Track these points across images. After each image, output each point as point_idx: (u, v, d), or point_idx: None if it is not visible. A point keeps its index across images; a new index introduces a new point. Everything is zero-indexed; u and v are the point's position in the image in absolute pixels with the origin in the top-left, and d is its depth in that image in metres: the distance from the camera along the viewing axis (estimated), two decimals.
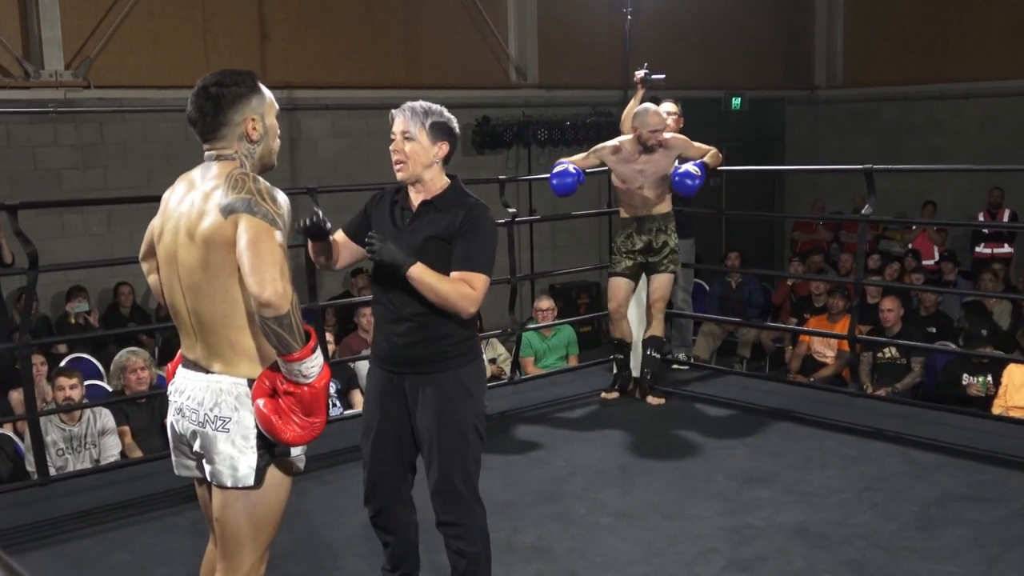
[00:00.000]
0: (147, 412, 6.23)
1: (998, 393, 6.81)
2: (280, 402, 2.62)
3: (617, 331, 6.21)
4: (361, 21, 10.99)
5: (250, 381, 2.68)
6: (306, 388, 2.60)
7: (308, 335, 2.58)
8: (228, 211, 2.58)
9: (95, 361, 7.70)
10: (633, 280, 6.12)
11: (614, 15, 11.25)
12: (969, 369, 7.22)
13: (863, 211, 5.87)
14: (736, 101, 14.01)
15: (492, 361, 7.79)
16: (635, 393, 6.25)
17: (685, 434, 5.58)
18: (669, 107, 6.56)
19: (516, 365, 6.89)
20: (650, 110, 5.90)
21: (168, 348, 8.28)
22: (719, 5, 13.67)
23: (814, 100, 15.65)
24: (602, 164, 6.07)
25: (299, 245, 6.01)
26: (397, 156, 3.28)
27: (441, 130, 3.28)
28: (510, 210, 6.31)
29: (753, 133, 14.53)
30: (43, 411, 5.49)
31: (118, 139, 9.57)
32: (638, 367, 6.28)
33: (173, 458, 2.91)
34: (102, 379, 7.35)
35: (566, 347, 8.05)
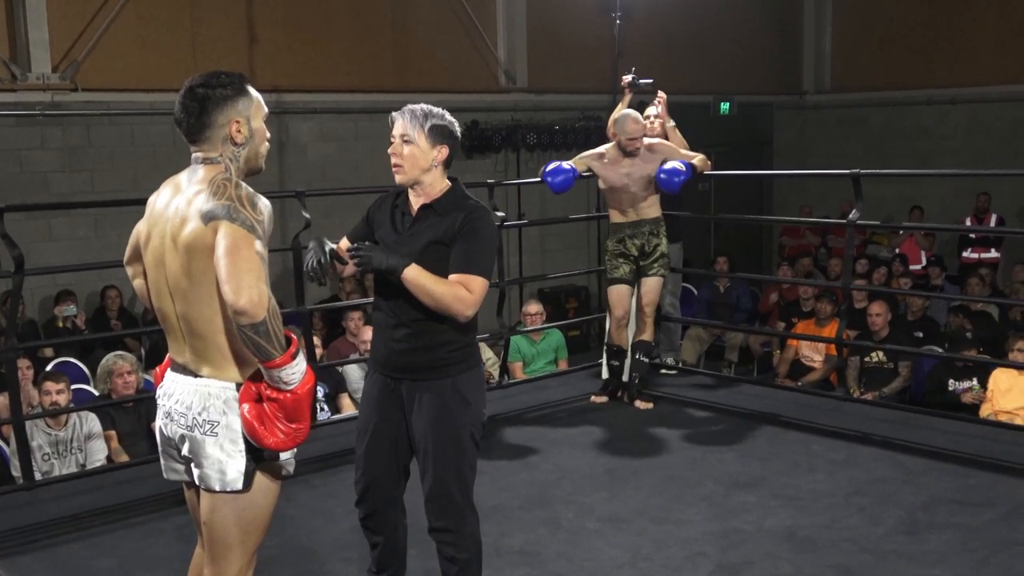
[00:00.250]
0: (134, 416, 6.20)
1: (985, 398, 6.83)
2: (264, 408, 2.61)
3: (618, 339, 6.20)
4: (350, 25, 10.98)
5: (238, 385, 2.67)
6: (288, 394, 2.59)
7: (289, 341, 2.57)
8: (208, 217, 2.57)
9: (82, 365, 7.67)
10: (632, 285, 6.13)
11: (603, 20, 11.26)
12: (954, 374, 7.23)
13: (851, 216, 5.89)
14: (725, 106, 14.02)
15: None
16: (623, 397, 6.25)
17: (673, 438, 5.58)
18: (655, 111, 6.57)
19: (504, 369, 6.88)
20: (628, 117, 5.91)
21: (155, 352, 8.26)
22: (708, 10, 13.70)
23: (802, 105, 15.71)
24: (589, 170, 6.09)
25: (285, 249, 6.03)
26: (395, 159, 3.26)
27: (441, 133, 3.25)
28: (499, 214, 6.31)
29: (742, 138, 14.58)
30: (29, 415, 5.46)
31: (105, 142, 9.54)
32: (627, 371, 6.28)
33: (162, 462, 2.90)
34: (89, 383, 7.31)
35: (555, 351, 8.05)
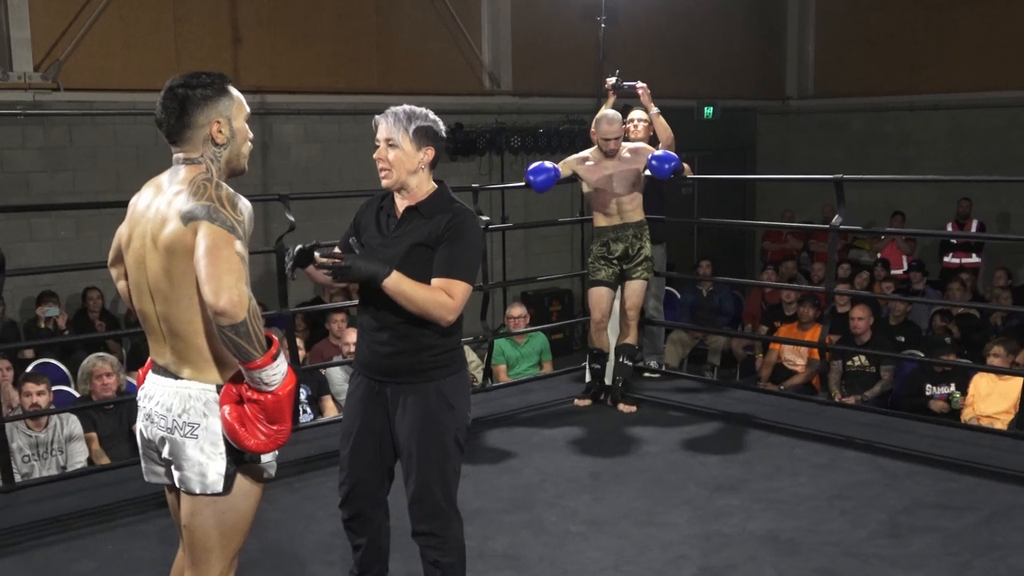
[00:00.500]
0: (115, 418, 6.16)
1: (965, 403, 6.87)
2: (245, 410, 2.59)
3: (598, 341, 6.21)
4: (334, 26, 10.96)
5: (219, 387, 2.65)
6: (269, 396, 2.57)
7: (270, 342, 2.55)
8: (188, 218, 2.55)
9: (62, 367, 7.61)
10: (614, 289, 6.13)
11: (588, 24, 11.28)
12: (932, 379, 7.27)
13: (834, 221, 5.90)
14: (708, 110, 14.08)
15: None
16: (607, 400, 6.25)
17: (656, 442, 5.59)
18: (639, 115, 6.58)
19: (488, 372, 6.87)
20: (604, 118, 5.91)
21: (137, 354, 8.21)
22: (693, 15, 13.75)
23: (785, 110, 15.78)
24: (574, 175, 6.09)
25: (268, 251, 6.01)
26: (381, 164, 3.23)
27: (426, 135, 3.22)
28: (484, 217, 6.30)
29: (725, 142, 14.63)
30: (9, 417, 5.42)
31: (87, 142, 9.48)
32: (610, 375, 6.28)
33: (142, 464, 2.87)
34: (69, 385, 7.27)
35: (538, 354, 8.04)
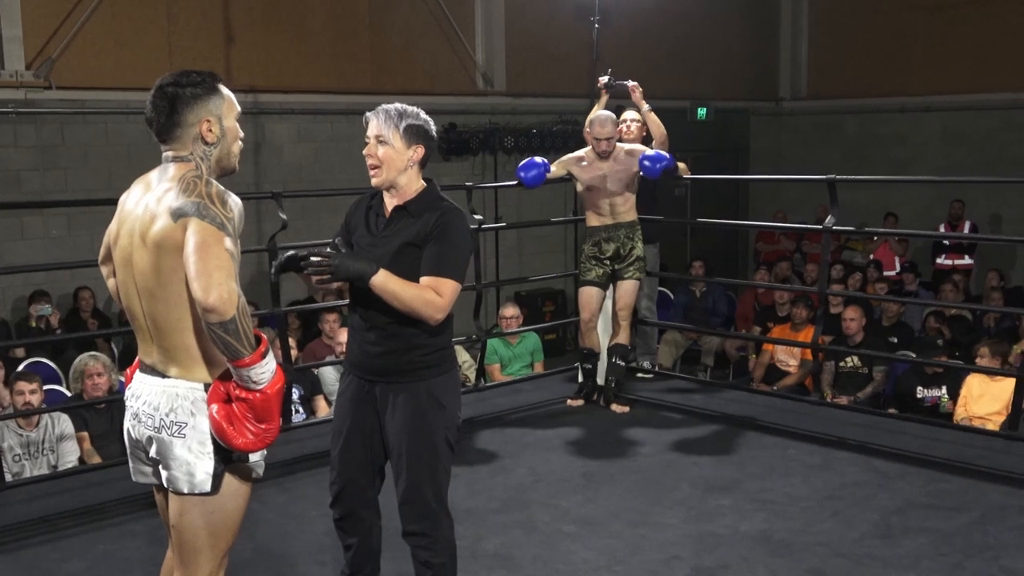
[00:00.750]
0: (106, 418, 6.15)
1: (957, 403, 6.88)
2: (233, 408, 2.58)
3: (587, 341, 6.20)
4: (327, 26, 10.94)
5: (207, 386, 2.64)
6: (258, 394, 2.56)
7: (259, 340, 2.54)
8: (178, 215, 2.54)
9: (54, 366, 7.59)
10: (603, 289, 6.13)
11: (581, 24, 11.28)
12: (923, 381, 7.28)
13: (827, 221, 5.90)
14: (702, 111, 14.09)
15: None
16: (600, 401, 6.25)
17: (649, 442, 5.58)
18: (632, 115, 6.58)
19: (481, 372, 6.87)
20: (597, 119, 5.91)
21: (128, 353, 8.19)
22: (686, 16, 13.76)
23: (778, 112, 15.80)
24: (569, 174, 6.08)
25: (261, 250, 5.99)
26: (371, 161, 3.21)
27: (416, 133, 3.21)
28: (477, 217, 6.30)
29: (718, 143, 14.64)
30: (0, 416, 5.40)
31: (79, 141, 9.45)
32: (603, 375, 6.28)
33: (130, 464, 2.86)
34: (61, 384, 7.25)
35: (531, 354, 8.04)
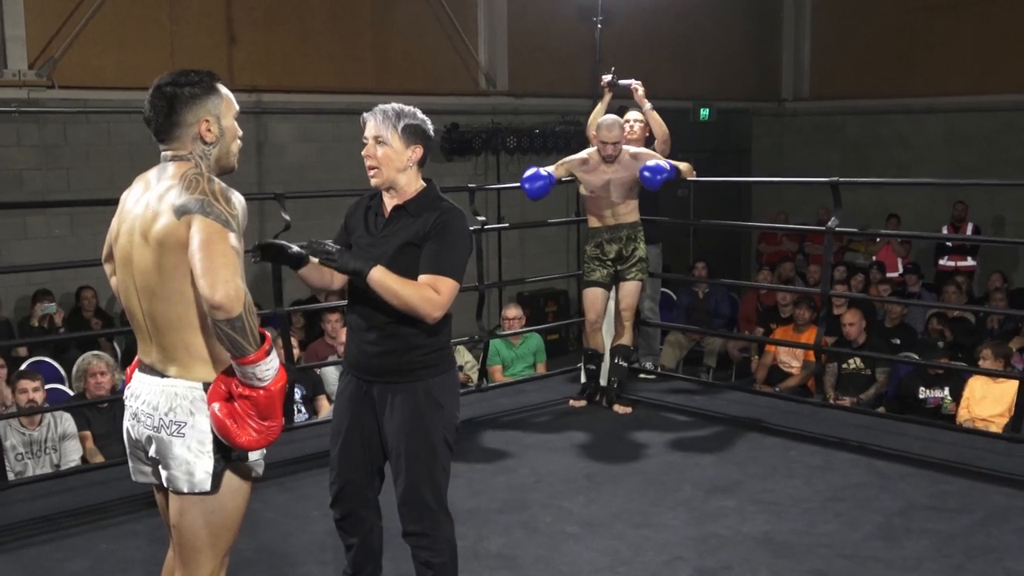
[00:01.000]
0: (109, 417, 6.15)
1: (960, 405, 6.87)
2: (235, 406, 2.57)
3: (592, 342, 6.20)
4: (330, 25, 10.94)
5: (206, 385, 2.63)
6: (261, 391, 2.56)
7: (263, 338, 2.54)
8: (181, 212, 2.54)
9: (56, 365, 7.60)
10: (608, 290, 6.13)
11: (584, 24, 11.28)
12: (926, 382, 7.28)
13: (829, 223, 5.89)
14: (704, 112, 14.07)
15: (459, 368, 7.73)
16: (602, 401, 6.24)
17: (652, 443, 5.58)
18: (635, 116, 6.57)
19: (483, 372, 6.86)
20: (605, 123, 5.89)
21: (131, 353, 8.18)
22: (689, 17, 13.75)
23: (781, 112, 15.78)
24: (571, 175, 6.08)
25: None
26: (370, 162, 3.21)
27: (415, 133, 3.21)
28: (479, 218, 6.30)
29: (720, 144, 14.62)
30: (2, 415, 5.40)
31: (82, 140, 9.45)
32: (605, 375, 6.27)
33: (130, 464, 2.86)
34: (63, 383, 7.26)
35: (534, 355, 8.02)
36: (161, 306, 2.62)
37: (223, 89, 2.73)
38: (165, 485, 2.70)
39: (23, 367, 6.92)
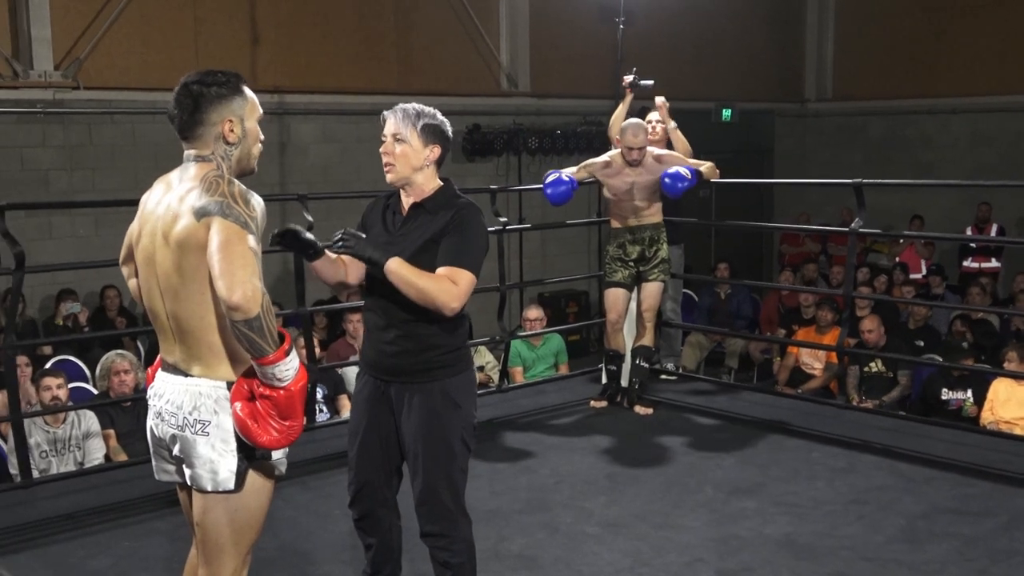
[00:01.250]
0: (132, 416, 6.19)
1: (983, 408, 6.82)
2: (257, 406, 2.59)
3: (613, 342, 6.19)
4: (353, 26, 10.97)
5: (229, 384, 2.65)
6: (281, 391, 2.57)
7: (282, 338, 2.55)
8: (201, 214, 2.56)
9: (80, 363, 7.65)
10: (629, 290, 6.11)
11: (606, 25, 11.23)
12: (949, 384, 7.23)
13: (853, 224, 5.86)
14: (727, 113, 14.02)
15: (480, 369, 7.75)
16: (623, 402, 6.23)
17: (673, 444, 5.57)
18: (657, 115, 6.55)
19: (504, 374, 6.87)
20: (629, 128, 5.86)
21: (154, 353, 8.22)
22: (711, 17, 13.70)
23: (804, 113, 15.71)
24: (593, 177, 6.07)
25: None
26: (386, 158, 3.23)
27: (433, 132, 3.23)
28: (501, 219, 6.30)
29: (743, 145, 14.56)
30: (27, 413, 5.44)
31: (107, 141, 9.51)
32: (627, 376, 6.26)
33: (153, 463, 2.88)
34: (87, 382, 7.30)
35: (555, 356, 8.01)
36: (183, 307, 2.64)
37: (249, 92, 2.75)
38: (189, 484, 2.72)
39: (47, 365, 6.97)
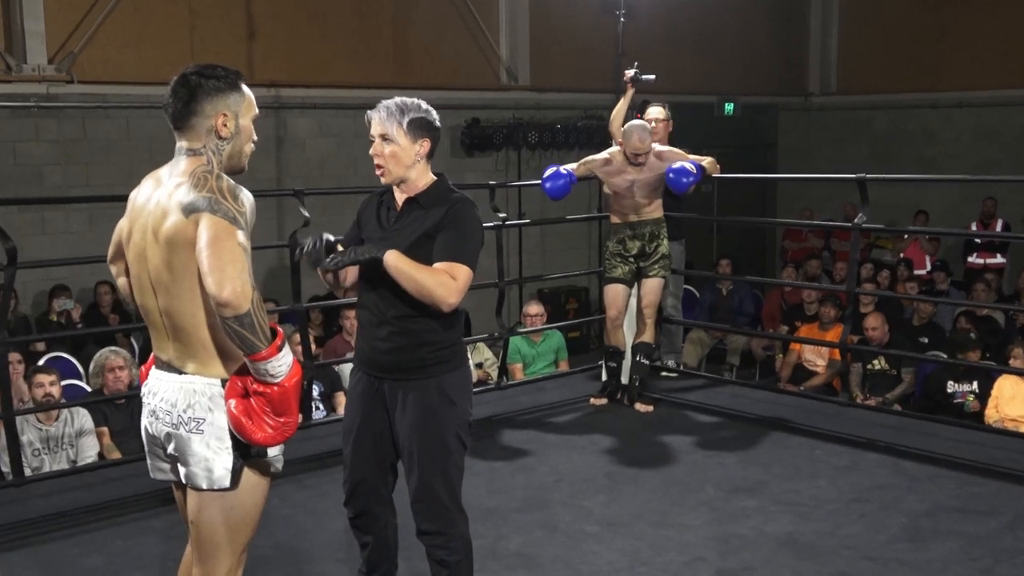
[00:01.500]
0: (126, 413, 6.14)
1: (988, 405, 6.76)
2: (251, 403, 2.57)
3: (613, 339, 6.14)
4: (350, 20, 10.92)
5: (223, 381, 2.63)
6: (275, 388, 2.55)
7: (274, 333, 2.53)
8: (189, 210, 2.53)
9: (73, 360, 7.60)
10: (629, 286, 6.07)
11: (607, 18, 11.19)
12: (955, 376, 7.19)
13: (856, 220, 5.80)
14: (729, 107, 13.98)
15: (479, 366, 7.70)
16: (623, 399, 6.18)
17: (673, 442, 5.52)
18: (657, 112, 6.48)
19: (504, 370, 6.81)
20: (634, 131, 5.79)
21: (148, 349, 8.17)
22: (712, 10, 13.64)
23: (807, 107, 15.66)
24: (592, 174, 6.01)
25: (282, 245, 5.95)
26: (378, 160, 3.19)
27: (420, 126, 3.17)
28: (500, 215, 6.25)
29: (746, 139, 14.53)
30: (19, 410, 5.39)
31: (101, 135, 9.47)
32: (627, 373, 6.21)
33: (148, 461, 2.86)
34: (80, 379, 7.26)
35: (555, 353, 7.97)
36: (176, 304, 2.62)
37: (246, 90, 2.74)
38: (184, 482, 2.71)
39: (40, 362, 6.92)
